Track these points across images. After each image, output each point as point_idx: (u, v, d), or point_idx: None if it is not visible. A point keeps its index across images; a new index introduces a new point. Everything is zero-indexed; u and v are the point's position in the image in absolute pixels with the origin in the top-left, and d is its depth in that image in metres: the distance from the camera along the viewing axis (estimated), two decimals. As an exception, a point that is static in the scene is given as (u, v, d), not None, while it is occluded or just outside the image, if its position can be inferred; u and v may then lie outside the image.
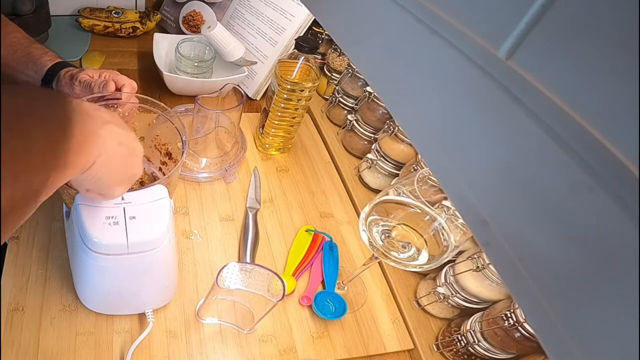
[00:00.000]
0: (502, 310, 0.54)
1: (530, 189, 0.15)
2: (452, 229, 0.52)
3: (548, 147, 0.14)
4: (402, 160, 0.76)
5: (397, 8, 0.21)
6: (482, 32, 0.16)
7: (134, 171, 0.43)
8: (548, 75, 0.14)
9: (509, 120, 0.16)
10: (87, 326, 0.57)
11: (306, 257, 0.70)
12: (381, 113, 0.81)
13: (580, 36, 0.13)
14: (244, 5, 0.96)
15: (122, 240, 0.47)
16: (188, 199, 0.74)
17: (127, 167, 0.41)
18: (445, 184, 0.20)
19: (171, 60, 0.94)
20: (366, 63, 0.25)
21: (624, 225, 0.12)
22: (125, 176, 0.42)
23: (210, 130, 0.74)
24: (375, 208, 0.55)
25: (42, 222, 0.65)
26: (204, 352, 0.58)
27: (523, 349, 0.53)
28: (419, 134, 0.21)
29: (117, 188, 0.42)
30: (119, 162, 0.39)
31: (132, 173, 0.43)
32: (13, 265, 0.60)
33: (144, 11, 1.07)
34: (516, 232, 0.16)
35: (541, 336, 0.15)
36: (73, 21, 1.01)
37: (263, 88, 0.96)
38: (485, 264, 0.56)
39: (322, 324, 0.64)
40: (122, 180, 0.42)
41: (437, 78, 0.19)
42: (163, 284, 0.57)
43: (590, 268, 0.13)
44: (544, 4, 0.14)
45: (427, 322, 0.66)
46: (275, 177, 0.83)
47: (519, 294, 0.16)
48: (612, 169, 0.12)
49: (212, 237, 0.70)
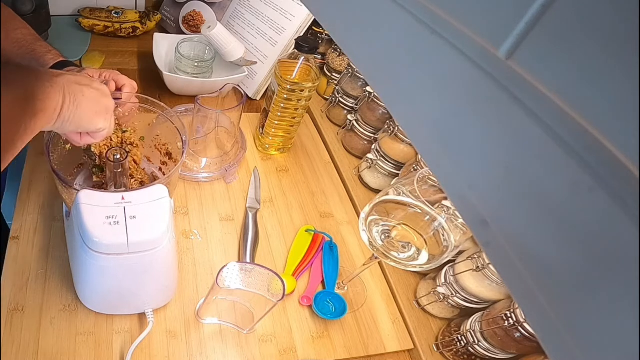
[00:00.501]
0: (502, 310, 0.54)
1: (530, 189, 0.15)
2: (452, 229, 0.52)
3: (548, 147, 0.14)
4: (402, 160, 0.76)
5: (397, 8, 0.21)
6: (482, 32, 0.16)
7: (105, 102, 0.49)
8: (548, 75, 0.14)
9: (509, 120, 0.16)
10: (87, 326, 0.57)
11: (306, 257, 0.70)
12: (381, 113, 0.81)
13: (580, 36, 0.13)
14: (244, 5, 0.96)
15: (122, 239, 0.47)
16: (188, 199, 0.74)
17: (95, 100, 0.47)
18: (445, 184, 0.20)
19: (171, 60, 0.94)
20: (366, 63, 0.25)
21: (624, 226, 0.12)
22: (98, 108, 0.48)
23: (210, 130, 0.74)
24: (375, 208, 0.55)
25: (42, 222, 0.65)
26: (204, 352, 0.58)
27: (523, 349, 0.53)
28: (419, 134, 0.21)
29: (96, 120, 0.48)
30: (85, 98, 0.45)
31: (104, 104, 0.49)
32: (13, 265, 0.60)
33: (144, 11, 1.07)
34: (516, 232, 0.16)
35: (541, 336, 0.15)
36: (73, 21, 1.01)
37: (263, 88, 0.96)
38: (485, 264, 0.56)
39: (322, 324, 0.64)
40: (98, 112, 0.48)
41: (437, 78, 0.19)
42: (163, 284, 0.57)
43: (590, 268, 0.13)
44: (544, 4, 0.14)
45: (427, 322, 0.66)
46: (275, 177, 0.83)
47: (519, 294, 0.16)
48: (612, 169, 0.12)
49: (212, 237, 0.70)
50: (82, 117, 0.46)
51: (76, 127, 0.47)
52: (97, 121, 0.48)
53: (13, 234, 0.63)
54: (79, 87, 0.45)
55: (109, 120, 0.51)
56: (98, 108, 0.48)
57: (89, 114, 0.47)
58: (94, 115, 0.48)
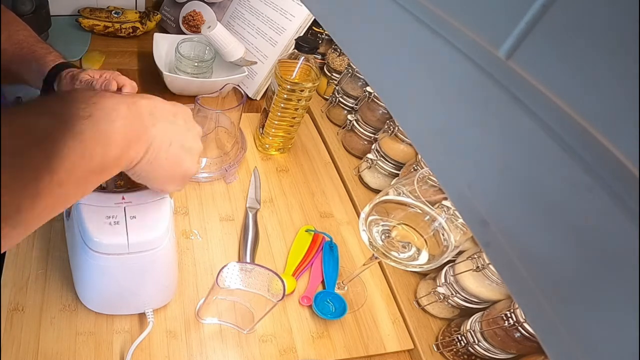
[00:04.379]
0: (502, 310, 0.54)
1: (530, 189, 0.15)
2: (452, 229, 0.52)
3: (548, 147, 0.14)
4: (402, 160, 0.76)
5: (397, 8, 0.21)
6: (482, 32, 0.16)
7: (187, 170, 0.43)
8: (548, 75, 0.14)
9: (509, 120, 0.16)
10: (87, 326, 0.57)
11: (306, 257, 0.70)
12: (381, 113, 0.81)
13: (580, 36, 0.13)
14: (244, 5, 0.96)
15: (122, 239, 0.47)
16: (188, 199, 0.74)
17: (176, 166, 0.41)
18: (445, 184, 0.20)
19: (171, 60, 0.94)
20: (366, 63, 0.25)
21: (624, 225, 0.12)
22: (175, 174, 0.42)
23: (210, 130, 0.74)
24: (375, 208, 0.55)
25: (42, 222, 0.65)
26: (204, 352, 0.58)
27: (523, 349, 0.53)
28: (418, 134, 0.21)
29: (167, 185, 0.43)
30: (167, 160, 0.39)
31: (184, 172, 0.43)
32: (13, 265, 0.60)
33: (144, 11, 1.07)
34: (516, 232, 0.16)
35: (541, 336, 0.15)
36: (73, 21, 1.01)
37: (263, 88, 0.96)
38: (485, 264, 0.56)
39: (322, 324, 0.64)
40: (172, 179, 0.42)
41: (437, 78, 0.19)
42: (163, 284, 0.57)
43: (590, 268, 0.13)
44: (544, 3, 0.14)
45: (427, 322, 0.66)
46: (275, 177, 0.83)
47: (519, 294, 0.16)
48: (612, 169, 0.12)
49: (212, 237, 0.70)
50: (151, 178, 0.40)
51: (140, 181, 0.41)
52: (166, 186, 0.42)
53: (13, 234, 0.63)
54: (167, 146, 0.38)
55: (181, 186, 0.45)
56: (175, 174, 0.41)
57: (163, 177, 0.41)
58: (168, 179, 0.41)
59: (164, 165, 0.39)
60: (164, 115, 0.39)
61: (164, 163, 0.39)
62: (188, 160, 0.43)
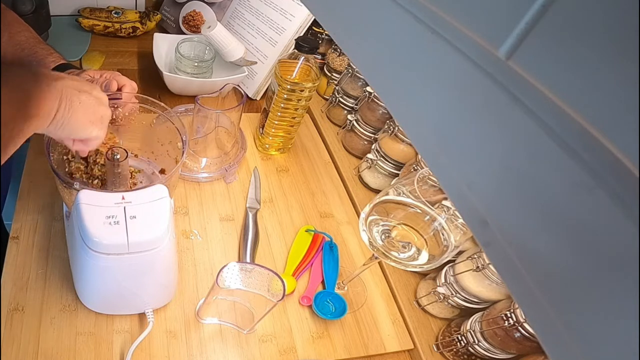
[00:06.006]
0: (502, 310, 0.54)
1: (530, 189, 0.15)
2: (452, 229, 0.52)
3: (548, 148, 0.14)
4: (402, 160, 0.76)
5: (397, 8, 0.21)
6: (482, 32, 0.16)
7: (103, 113, 0.49)
8: (548, 75, 0.14)
9: (508, 120, 0.16)
10: (87, 326, 0.57)
11: (306, 257, 0.70)
12: (381, 113, 0.81)
13: (580, 36, 0.13)
14: (244, 5, 0.96)
15: (122, 239, 0.47)
16: (188, 199, 0.74)
17: (91, 108, 0.47)
18: (445, 184, 0.20)
19: (171, 60, 0.94)
20: (366, 63, 0.25)
21: (624, 226, 0.12)
22: (93, 117, 0.48)
23: (210, 130, 0.74)
24: (375, 208, 0.55)
25: (42, 222, 0.65)
26: (204, 352, 0.58)
27: (523, 349, 0.53)
28: (419, 134, 0.21)
29: (90, 128, 0.48)
30: (81, 105, 0.45)
31: (100, 114, 0.49)
32: (13, 265, 0.60)
33: (144, 11, 1.07)
34: (516, 232, 0.16)
35: (541, 336, 0.15)
36: (73, 21, 1.01)
37: (263, 88, 0.96)
38: (485, 264, 0.56)
39: (322, 324, 0.64)
40: (92, 121, 0.48)
41: (437, 78, 0.19)
42: (163, 284, 0.57)
43: (590, 268, 0.13)
44: (544, 4, 0.14)
45: (427, 322, 0.66)
46: (275, 177, 0.83)
47: (519, 294, 0.16)
48: (612, 169, 0.12)
49: (212, 237, 0.70)
50: (76, 124, 0.46)
51: (69, 134, 0.47)
52: (90, 129, 0.48)
53: (13, 234, 0.63)
54: (77, 94, 0.45)
55: (103, 129, 0.50)
56: (93, 117, 0.48)
57: (83, 121, 0.47)
58: (88, 123, 0.47)
59: (79, 110, 0.45)
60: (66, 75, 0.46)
61: (78, 107, 0.45)
62: (101, 105, 0.49)
